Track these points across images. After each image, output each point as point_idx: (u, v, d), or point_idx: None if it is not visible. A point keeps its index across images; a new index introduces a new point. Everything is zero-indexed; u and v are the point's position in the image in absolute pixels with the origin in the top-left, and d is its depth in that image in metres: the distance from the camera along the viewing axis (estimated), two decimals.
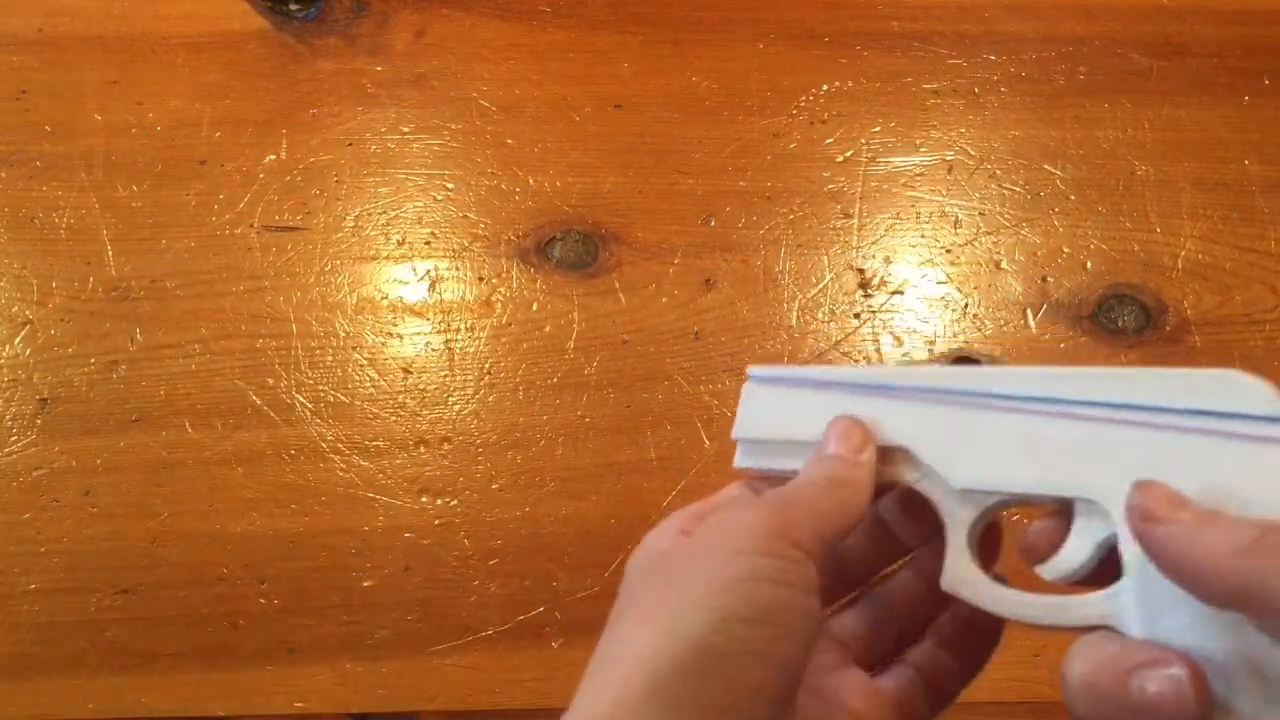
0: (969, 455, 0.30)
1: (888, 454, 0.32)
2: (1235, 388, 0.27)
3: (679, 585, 0.27)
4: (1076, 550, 0.29)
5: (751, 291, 0.57)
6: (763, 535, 0.28)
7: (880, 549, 0.34)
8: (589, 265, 0.57)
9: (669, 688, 0.25)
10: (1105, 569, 0.28)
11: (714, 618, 0.26)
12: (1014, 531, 0.32)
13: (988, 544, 0.32)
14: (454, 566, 0.51)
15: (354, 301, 0.56)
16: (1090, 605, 0.28)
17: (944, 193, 0.61)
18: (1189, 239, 0.60)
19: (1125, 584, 0.27)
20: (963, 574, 0.30)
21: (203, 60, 0.63)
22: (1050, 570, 0.29)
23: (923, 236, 0.59)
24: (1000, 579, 0.30)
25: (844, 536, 0.30)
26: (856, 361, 0.55)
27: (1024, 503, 0.30)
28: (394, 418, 0.52)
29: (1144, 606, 0.26)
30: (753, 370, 0.35)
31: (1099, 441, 0.28)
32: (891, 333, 0.56)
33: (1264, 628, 0.23)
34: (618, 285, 0.57)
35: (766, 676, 0.26)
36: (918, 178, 0.61)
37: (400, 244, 0.58)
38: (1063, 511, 0.29)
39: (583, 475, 0.53)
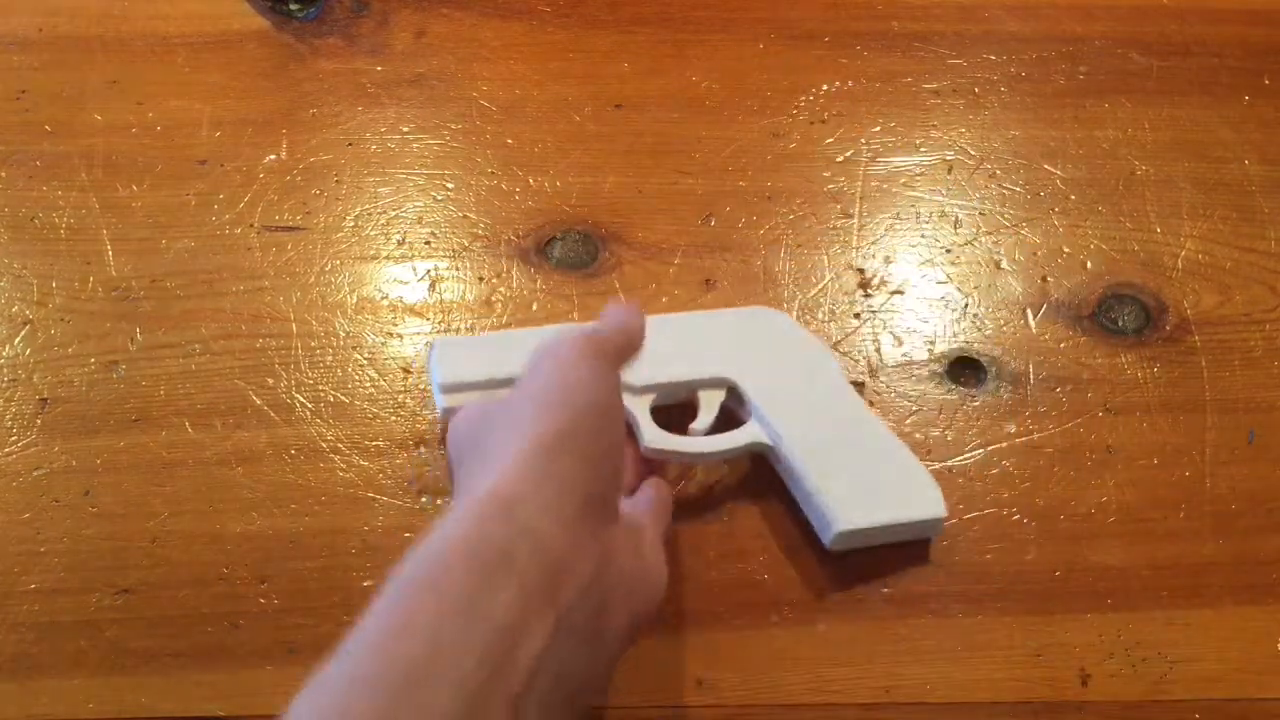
0: (639, 363, 0.48)
1: None
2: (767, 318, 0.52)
3: (538, 400, 0.37)
4: (707, 414, 0.49)
5: (751, 291, 0.57)
6: (588, 354, 0.39)
7: None
8: (589, 265, 0.57)
9: (539, 462, 0.35)
10: (721, 423, 0.49)
11: (570, 413, 0.36)
12: None
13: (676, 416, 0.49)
14: None
15: (354, 301, 0.56)
16: (742, 434, 0.48)
17: (944, 193, 0.61)
18: (1189, 239, 0.60)
19: (752, 422, 0.49)
20: (652, 438, 0.47)
21: (203, 60, 0.63)
22: (697, 427, 0.48)
23: (923, 236, 0.59)
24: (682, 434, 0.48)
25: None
26: (851, 359, 0.55)
27: (674, 389, 0.49)
28: (394, 418, 0.52)
29: (768, 429, 0.48)
30: (439, 339, 0.51)
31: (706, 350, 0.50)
32: (891, 332, 0.56)
33: None
34: (618, 285, 0.57)
35: (605, 447, 0.37)
36: (918, 178, 0.61)
37: (400, 244, 0.58)
38: (690, 398, 0.49)
39: None
